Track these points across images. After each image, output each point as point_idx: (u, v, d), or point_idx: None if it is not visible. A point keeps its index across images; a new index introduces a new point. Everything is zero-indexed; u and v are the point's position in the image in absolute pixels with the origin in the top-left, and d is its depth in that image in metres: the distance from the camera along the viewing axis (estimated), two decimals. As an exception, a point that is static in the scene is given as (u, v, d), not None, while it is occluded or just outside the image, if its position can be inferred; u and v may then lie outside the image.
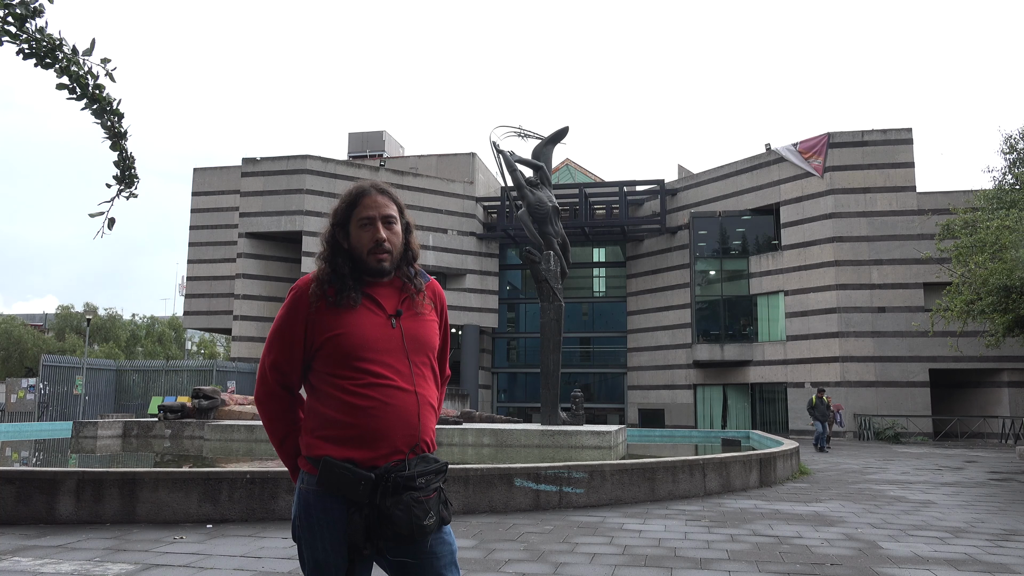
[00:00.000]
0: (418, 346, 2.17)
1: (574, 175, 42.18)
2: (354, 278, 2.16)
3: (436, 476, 2.07)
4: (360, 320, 2.11)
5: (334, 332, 2.09)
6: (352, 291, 2.13)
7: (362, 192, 2.21)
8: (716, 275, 32.12)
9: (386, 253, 2.17)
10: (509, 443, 14.35)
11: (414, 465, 2.04)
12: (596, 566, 5.40)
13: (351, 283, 2.14)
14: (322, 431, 2.08)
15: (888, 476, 12.87)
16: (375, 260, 2.16)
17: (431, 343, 2.23)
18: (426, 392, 2.16)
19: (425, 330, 2.21)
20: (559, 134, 18.11)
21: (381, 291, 2.19)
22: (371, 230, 2.16)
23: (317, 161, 32.48)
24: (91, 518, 6.82)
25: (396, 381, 2.09)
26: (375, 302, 2.16)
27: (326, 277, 2.15)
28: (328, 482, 2.01)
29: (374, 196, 2.20)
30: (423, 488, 2.02)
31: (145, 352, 50.95)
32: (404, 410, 2.08)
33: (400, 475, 2.00)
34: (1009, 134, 22.93)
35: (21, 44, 3.52)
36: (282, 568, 5.15)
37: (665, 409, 33.15)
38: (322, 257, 2.21)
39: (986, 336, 22.54)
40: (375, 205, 2.19)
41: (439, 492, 2.08)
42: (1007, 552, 6.21)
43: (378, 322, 2.13)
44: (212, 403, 17.03)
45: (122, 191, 3.93)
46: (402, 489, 1.99)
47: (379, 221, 2.18)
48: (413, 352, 2.15)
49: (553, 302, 16.35)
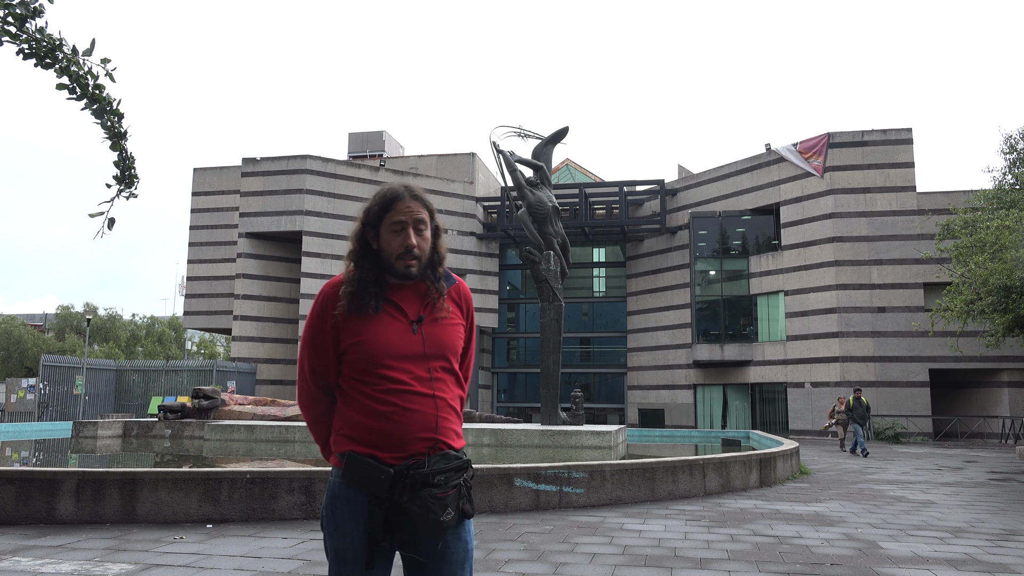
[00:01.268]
0: (440, 351, 2.22)
1: (574, 175, 42.18)
2: (377, 283, 2.21)
3: (456, 473, 2.12)
4: (382, 327, 2.17)
5: (357, 339, 2.16)
6: (373, 299, 2.18)
7: (396, 196, 2.24)
8: (716, 275, 32.12)
9: (415, 259, 2.21)
10: (509, 443, 14.36)
11: (433, 463, 2.10)
12: (596, 566, 5.40)
13: (373, 290, 2.19)
14: (347, 431, 2.17)
15: (888, 476, 12.87)
16: (403, 265, 2.20)
17: (453, 346, 2.26)
18: (446, 395, 2.20)
19: (447, 334, 2.25)
20: (559, 134, 18.12)
21: (404, 295, 2.23)
22: (402, 236, 2.20)
23: (317, 161, 32.48)
24: (91, 518, 6.82)
25: (415, 386, 2.14)
26: (398, 308, 2.20)
27: (353, 281, 2.20)
28: (351, 475, 2.10)
29: (407, 201, 2.23)
30: (441, 485, 2.08)
31: (145, 352, 50.96)
32: (423, 414, 2.14)
33: (418, 472, 2.06)
34: (1009, 134, 22.95)
35: (21, 44, 3.52)
36: (282, 568, 5.15)
37: (665, 409, 33.15)
38: (350, 257, 2.25)
39: (986, 336, 22.54)
40: (408, 210, 2.22)
41: (459, 489, 2.13)
42: (1007, 552, 6.21)
43: (400, 328, 2.18)
44: (212, 403, 17.04)
45: (122, 191, 3.93)
46: (420, 486, 2.05)
47: (410, 227, 2.21)
48: (433, 357, 2.20)
49: (553, 302, 16.36)
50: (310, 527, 6.73)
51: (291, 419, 16.79)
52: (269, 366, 32.20)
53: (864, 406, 18.66)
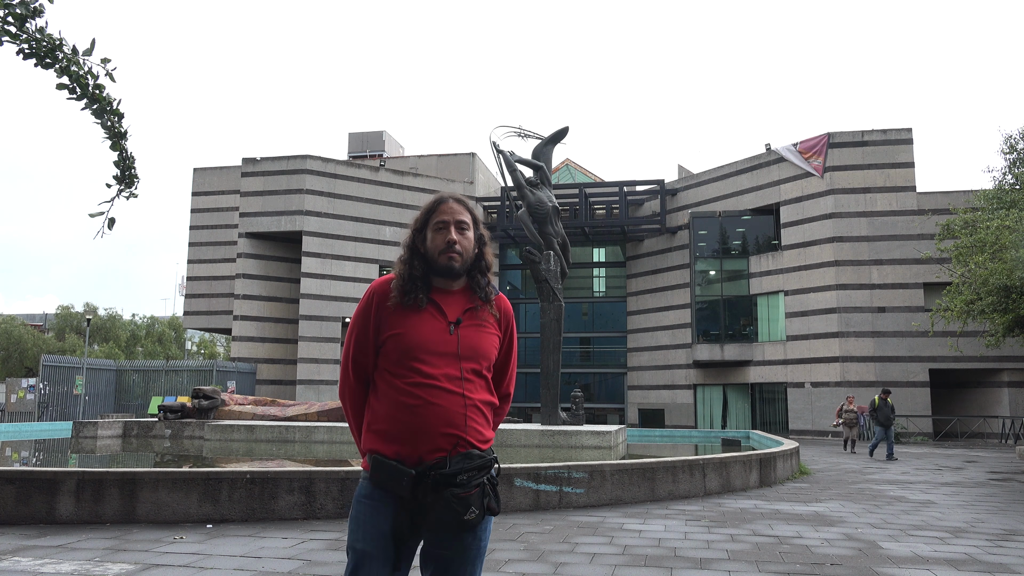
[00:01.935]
0: (472, 354, 2.28)
1: (574, 175, 42.17)
2: (425, 283, 2.32)
3: (479, 472, 2.17)
4: (421, 323, 2.27)
5: (396, 331, 2.26)
6: (420, 292, 2.29)
7: (440, 200, 2.41)
8: (716, 275, 32.11)
9: (456, 254, 2.32)
10: (509, 443, 14.36)
11: (455, 463, 2.14)
12: (596, 566, 5.40)
13: (420, 285, 2.30)
14: (375, 426, 2.25)
15: (888, 476, 12.87)
16: (445, 259, 2.31)
17: (487, 353, 2.33)
18: (475, 396, 2.26)
19: (482, 340, 2.33)
20: (559, 134, 18.12)
21: (448, 300, 2.33)
22: (444, 232, 2.33)
23: (317, 161, 32.48)
24: (91, 518, 6.82)
25: (443, 383, 2.21)
26: (439, 309, 2.31)
27: (402, 277, 2.31)
28: (376, 477, 2.19)
29: (450, 204, 2.39)
30: (464, 484, 2.12)
31: (145, 352, 50.95)
32: (448, 410, 2.19)
33: (440, 473, 2.12)
34: (1009, 134, 22.93)
35: (21, 44, 3.52)
36: (282, 568, 5.15)
37: (665, 409, 33.15)
38: (401, 260, 2.37)
39: (986, 336, 22.54)
40: (450, 211, 2.37)
41: (482, 487, 2.17)
42: (1007, 552, 6.21)
43: (438, 327, 2.27)
44: (212, 403, 17.04)
45: (122, 191, 3.93)
46: (442, 486, 2.11)
47: (452, 225, 2.34)
48: (466, 359, 2.27)
49: (553, 302, 16.35)
50: (310, 527, 6.73)
51: (291, 419, 16.79)
52: (269, 366, 32.20)
53: (890, 407, 17.68)
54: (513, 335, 2.47)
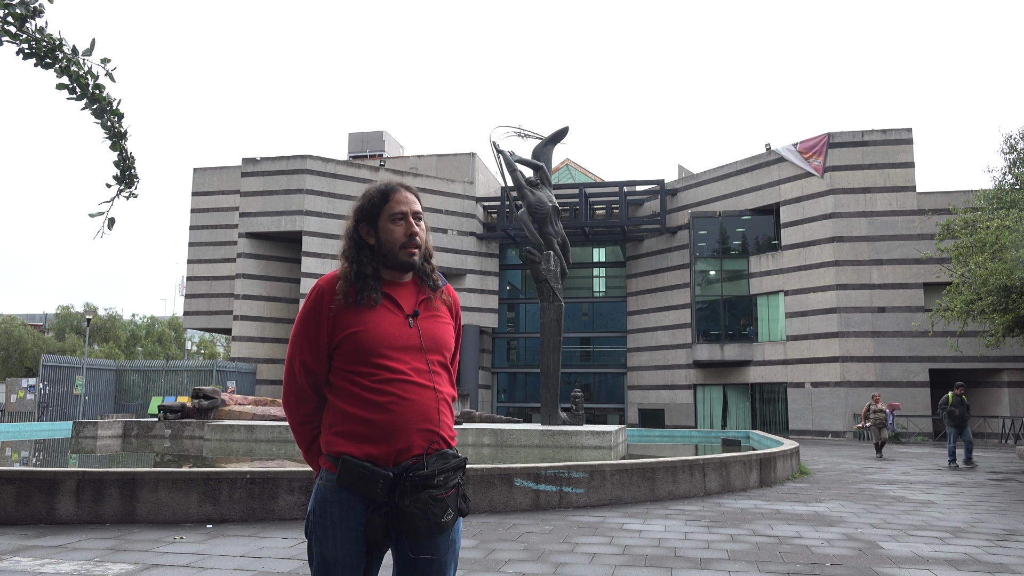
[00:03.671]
0: (435, 345, 2.20)
1: (574, 175, 42.17)
2: (376, 277, 2.19)
3: (454, 473, 2.10)
4: (379, 319, 2.14)
5: (354, 329, 2.11)
6: (373, 291, 2.16)
7: (392, 188, 2.26)
8: (716, 275, 32.12)
9: (417, 248, 2.21)
10: (509, 443, 14.36)
11: (432, 463, 2.06)
12: (596, 566, 5.40)
13: (372, 283, 2.17)
14: (341, 427, 2.10)
15: (888, 476, 12.87)
16: (406, 254, 2.20)
17: (447, 343, 2.26)
18: (443, 388, 2.19)
19: (441, 331, 2.25)
20: (559, 134, 18.12)
21: (400, 292, 2.22)
22: (404, 224, 2.21)
23: (317, 161, 32.48)
24: (91, 518, 6.82)
25: (413, 377, 2.12)
26: (394, 302, 2.19)
27: (350, 276, 2.18)
28: (347, 480, 2.04)
29: (404, 193, 2.26)
30: (441, 486, 2.05)
31: (145, 352, 50.94)
32: (422, 405, 2.11)
33: (418, 474, 2.02)
34: (1009, 134, 22.92)
35: (21, 44, 3.52)
36: (282, 568, 5.15)
37: (665, 409, 33.15)
38: (346, 256, 2.22)
39: (986, 336, 22.54)
40: (407, 201, 2.24)
41: (458, 488, 2.10)
42: (1007, 552, 6.21)
43: (396, 321, 2.16)
44: (212, 403, 17.04)
45: (122, 191, 3.93)
46: (420, 488, 2.02)
47: (410, 216, 2.23)
48: (430, 351, 2.18)
49: (553, 302, 16.36)
50: (310, 527, 6.72)
51: (291, 419, 16.75)
52: (269, 366, 32.20)
53: (965, 405, 14.90)
54: (460, 323, 2.38)
